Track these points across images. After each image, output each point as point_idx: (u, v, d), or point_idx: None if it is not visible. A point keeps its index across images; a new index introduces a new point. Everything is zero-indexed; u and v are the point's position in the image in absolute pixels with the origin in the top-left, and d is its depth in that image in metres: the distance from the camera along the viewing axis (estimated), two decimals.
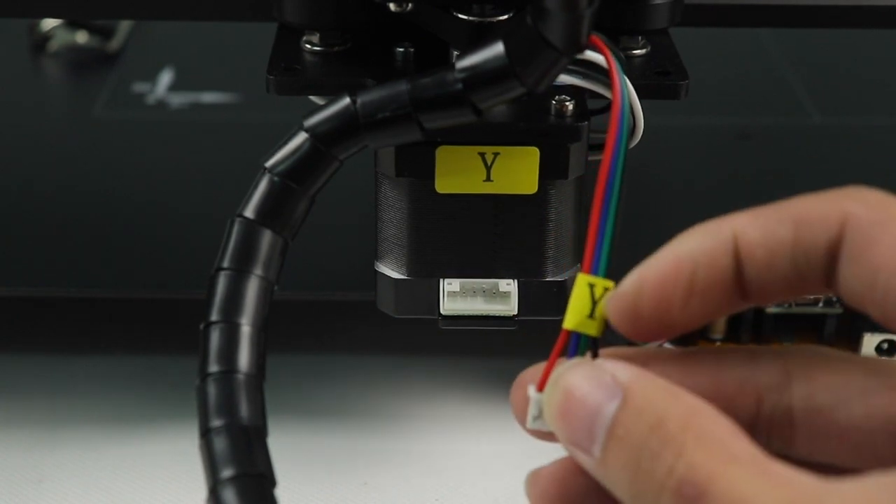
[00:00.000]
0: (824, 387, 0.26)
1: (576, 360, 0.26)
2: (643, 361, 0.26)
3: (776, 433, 0.26)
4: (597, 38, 0.28)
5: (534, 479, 0.28)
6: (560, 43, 0.26)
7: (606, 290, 0.26)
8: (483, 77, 0.28)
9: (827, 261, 0.25)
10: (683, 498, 0.22)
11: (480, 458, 0.40)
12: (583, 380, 0.25)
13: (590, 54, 0.29)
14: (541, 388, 0.26)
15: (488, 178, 0.32)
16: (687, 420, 0.23)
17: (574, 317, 0.26)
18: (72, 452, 0.39)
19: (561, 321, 0.26)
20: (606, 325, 0.26)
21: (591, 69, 0.30)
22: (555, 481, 0.27)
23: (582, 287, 0.26)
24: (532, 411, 0.27)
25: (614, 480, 0.24)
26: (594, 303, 0.26)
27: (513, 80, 0.28)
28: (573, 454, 0.25)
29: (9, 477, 0.38)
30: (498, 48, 0.28)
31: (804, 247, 0.25)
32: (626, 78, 0.29)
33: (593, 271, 0.26)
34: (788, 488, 0.22)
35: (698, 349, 0.27)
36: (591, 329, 0.26)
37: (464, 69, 0.28)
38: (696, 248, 0.26)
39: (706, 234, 0.26)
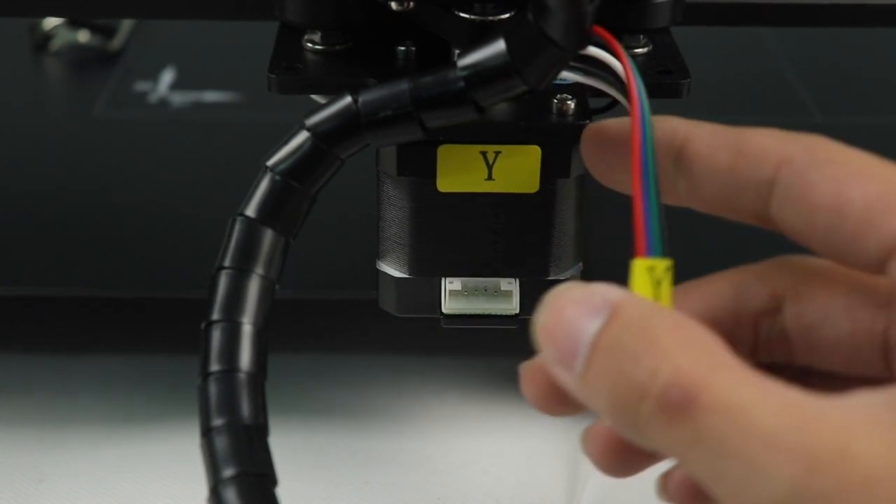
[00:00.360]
0: (811, 305, 0.26)
1: (567, 284, 0.25)
2: None
3: (777, 350, 0.27)
4: (602, 30, 0.28)
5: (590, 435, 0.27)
6: (562, 40, 0.26)
7: (667, 269, 0.25)
8: (485, 75, 0.28)
9: (758, 197, 0.26)
10: (669, 404, 0.21)
11: (481, 457, 0.40)
12: (571, 299, 0.24)
13: (592, 50, 0.29)
14: None
15: (490, 177, 0.32)
16: (674, 328, 0.22)
17: None
18: (72, 452, 0.39)
19: None
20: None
21: (594, 66, 0.30)
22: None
23: (641, 272, 0.25)
24: None
25: (594, 393, 0.23)
26: (657, 284, 0.25)
27: (515, 78, 0.28)
28: (557, 376, 0.24)
29: (9, 476, 0.38)
30: (499, 46, 0.28)
31: (736, 178, 0.26)
32: (634, 62, 0.28)
33: (649, 253, 0.25)
34: (779, 398, 0.21)
35: (685, 287, 0.27)
36: None
37: (465, 67, 0.28)
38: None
39: (664, 119, 0.27)
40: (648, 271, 0.25)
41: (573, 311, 0.24)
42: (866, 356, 0.24)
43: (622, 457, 0.27)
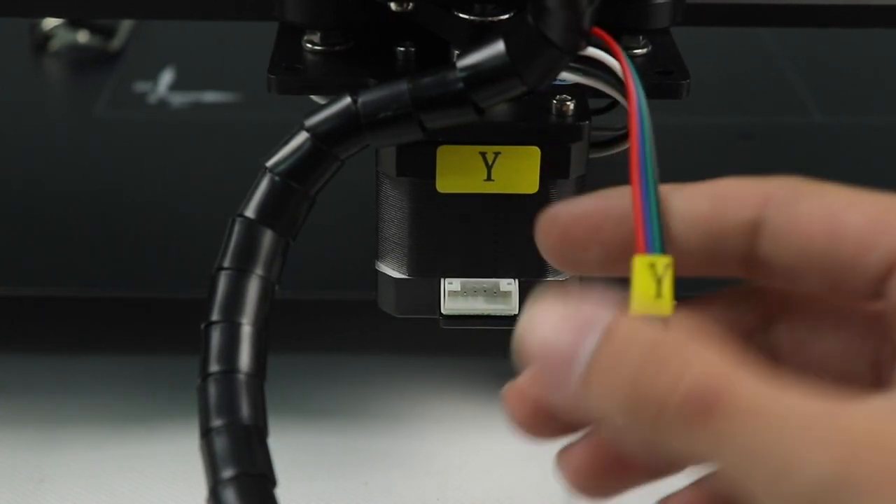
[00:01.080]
0: (802, 323, 0.26)
1: (550, 301, 0.24)
2: None
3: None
4: (600, 31, 0.28)
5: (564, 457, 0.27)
6: (561, 41, 0.26)
7: (668, 266, 0.25)
8: (484, 76, 0.28)
9: (742, 241, 0.25)
10: (692, 407, 0.21)
11: (481, 457, 0.40)
12: (557, 318, 0.24)
13: (591, 51, 0.29)
14: None
15: (489, 178, 0.32)
16: (684, 339, 0.22)
17: (640, 302, 0.24)
18: (72, 452, 0.39)
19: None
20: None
21: (593, 66, 0.30)
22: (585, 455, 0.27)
23: (642, 269, 0.25)
24: None
25: (599, 410, 0.23)
26: (659, 281, 0.25)
27: (514, 79, 0.28)
28: (543, 388, 0.24)
29: (10, 476, 0.38)
30: (499, 47, 0.28)
31: (719, 223, 0.25)
32: (633, 63, 0.28)
33: (649, 250, 0.25)
34: (802, 398, 0.21)
35: (678, 304, 0.27)
36: (663, 309, 0.24)
37: (465, 68, 0.28)
38: (610, 203, 0.26)
39: (617, 192, 0.26)
40: (650, 268, 0.25)
41: (556, 330, 0.23)
42: (857, 371, 0.24)
43: (599, 478, 0.27)
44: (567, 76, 0.30)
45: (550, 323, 0.24)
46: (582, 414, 0.24)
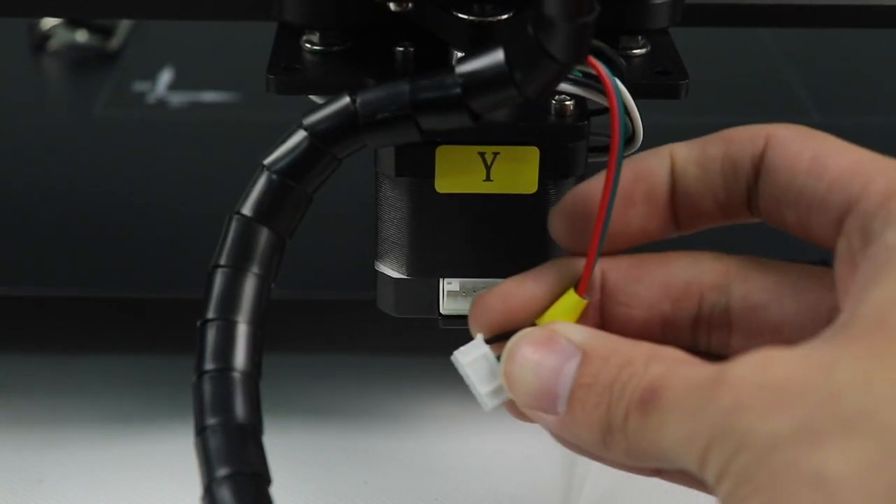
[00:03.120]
0: (760, 286, 0.29)
1: (527, 330, 0.28)
2: (602, 273, 0.30)
3: (715, 332, 0.30)
4: (591, 58, 0.28)
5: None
6: (560, 54, 0.26)
7: (582, 308, 0.29)
8: (482, 83, 0.28)
9: (751, 175, 0.28)
10: (643, 403, 0.25)
11: (480, 457, 0.40)
12: (537, 348, 0.27)
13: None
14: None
15: (488, 178, 0.32)
16: (651, 354, 0.26)
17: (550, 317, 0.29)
18: (72, 452, 0.39)
19: None
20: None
21: (588, 77, 0.30)
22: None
23: (571, 304, 0.29)
24: (485, 386, 0.29)
25: (582, 425, 0.26)
26: (572, 314, 0.29)
27: (511, 89, 0.28)
28: (534, 418, 0.28)
29: (9, 476, 0.38)
30: (498, 56, 0.28)
31: (732, 160, 0.29)
32: (621, 87, 0.29)
33: (586, 296, 0.29)
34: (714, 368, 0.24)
35: (647, 255, 0.30)
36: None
37: (463, 74, 0.28)
38: (637, 163, 0.29)
39: (646, 154, 0.30)
40: (576, 304, 0.29)
41: (538, 357, 0.27)
42: (808, 336, 0.25)
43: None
44: (563, 86, 0.30)
45: (530, 349, 0.28)
46: (565, 434, 0.27)
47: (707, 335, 0.30)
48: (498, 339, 0.29)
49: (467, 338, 0.30)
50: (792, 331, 0.28)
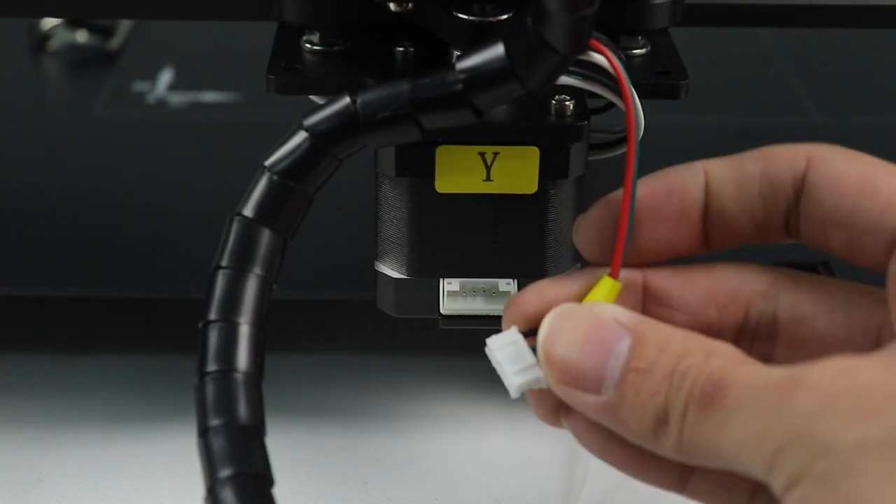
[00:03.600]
0: (810, 297, 0.28)
1: (568, 305, 0.27)
2: (644, 276, 0.29)
3: (759, 342, 0.29)
4: (596, 41, 0.28)
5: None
6: (561, 45, 0.26)
7: (619, 290, 0.28)
8: (483, 78, 0.28)
9: (791, 195, 0.28)
10: (705, 397, 0.24)
11: (480, 457, 0.40)
12: (585, 321, 0.26)
13: (591, 55, 0.29)
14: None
15: (488, 178, 0.32)
16: (709, 347, 0.25)
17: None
18: (71, 452, 0.39)
19: None
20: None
21: (591, 70, 0.30)
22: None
23: (606, 287, 0.28)
24: (513, 366, 0.28)
25: (633, 412, 0.25)
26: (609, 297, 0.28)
27: (513, 82, 0.28)
28: (569, 397, 0.26)
29: (9, 476, 0.38)
30: (498, 50, 0.28)
31: (771, 179, 0.28)
32: (629, 72, 0.29)
33: (618, 276, 0.28)
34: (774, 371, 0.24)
35: (689, 263, 0.29)
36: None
37: (464, 70, 0.28)
38: (670, 178, 0.29)
39: (679, 169, 0.29)
40: (611, 287, 0.28)
41: (588, 331, 0.26)
42: (857, 350, 0.25)
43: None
44: (566, 80, 0.30)
45: (577, 321, 0.26)
46: (608, 418, 0.26)
47: (750, 344, 0.29)
48: (532, 332, 0.28)
49: (467, 337, 0.30)
50: (840, 344, 0.28)
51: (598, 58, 0.29)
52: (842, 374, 0.23)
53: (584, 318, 0.26)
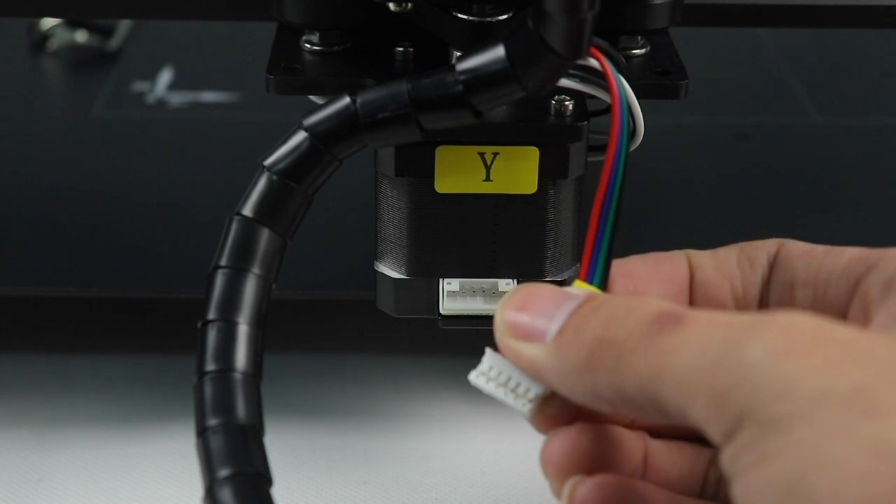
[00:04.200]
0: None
1: (529, 283, 0.28)
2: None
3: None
4: (594, 48, 0.28)
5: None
6: (561, 48, 0.26)
7: None
8: (483, 80, 0.28)
9: (767, 268, 0.30)
10: (658, 323, 0.24)
11: (480, 458, 0.40)
12: (540, 288, 0.27)
13: (588, 59, 0.29)
14: None
15: (488, 178, 0.32)
16: (654, 305, 0.25)
17: None
18: (71, 452, 0.39)
19: None
20: None
21: (590, 73, 0.30)
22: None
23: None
24: (510, 390, 0.28)
25: (569, 347, 0.25)
26: None
27: (513, 84, 0.28)
28: (516, 352, 0.27)
29: (8, 476, 0.38)
30: (499, 51, 0.28)
31: (748, 255, 0.30)
32: (624, 83, 0.29)
33: (589, 279, 0.28)
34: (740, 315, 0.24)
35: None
36: None
37: (464, 71, 0.28)
38: (658, 254, 0.30)
39: (662, 255, 0.31)
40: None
41: (544, 288, 0.27)
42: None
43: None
44: (564, 82, 0.30)
45: (526, 301, 0.27)
46: (552, 372, 0.26)
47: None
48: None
49: (467, 337, 0.30)
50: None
51: (595, 61, 0.29)
52: (820, 326, 0.22)
53: (544, 288, 0.27)
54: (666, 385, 0.23)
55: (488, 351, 0.29)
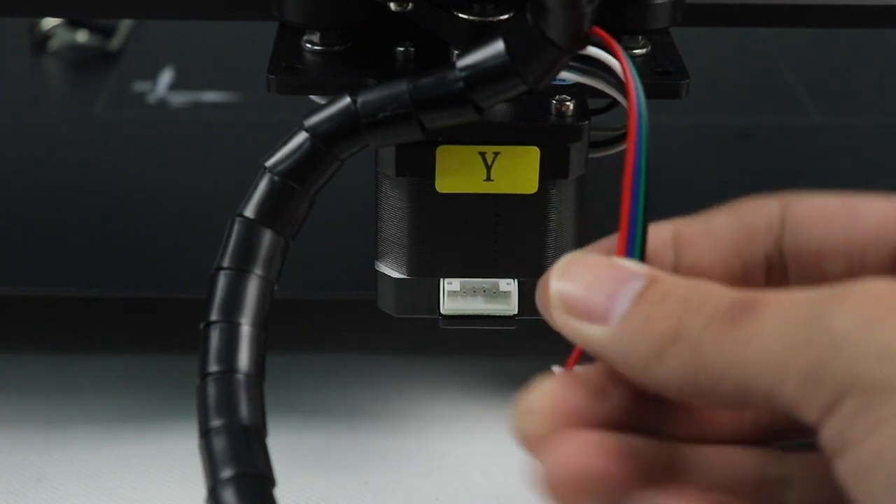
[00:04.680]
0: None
1: (578, 252, 0.26)
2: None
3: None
4: (601, 30, 0.28)
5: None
6: (561, 40, 0.26)
7: None
8: (484, 75, 0.28)
9: (769, 241, 0.26)
10: (732, 314, 0.22)
11: (480, 458, 0.40)
12: (598, 262, 0.25)
13: (591, 50, 0.29)
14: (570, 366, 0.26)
15: (489, 178, 0.32)
16: (725, 294, 0.23)
17: None
18: (71, 452, 0.39)
19: None
20: None
21: (593, 65, 0.30)
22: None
23: None
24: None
25: (638, 335, 0.23)
26: None
27: (514, 78, 0.28)
28: (574, 329, 0.24)
29: (8, 476, 0.38)
30: (499, 46, 0.28)
31: (746, 229, 0.27)
32: (630, 59, 0.28)
33: (629, 254, 0.26)
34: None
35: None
36: None
37: (465, 68, 0.28)
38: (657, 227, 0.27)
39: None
40: None
41: (606, 263, 0.25)
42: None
43: None
44: (567, 75, 0.30)
45: (584, 275, 0.25)
46: (618, 357, 0.24)
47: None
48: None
49: (468, 337, 0.30)
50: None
51: (599, 53, 0.29)
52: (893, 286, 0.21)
53: (597, 260, 0.25)
54: (749, 374, 0.22)
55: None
